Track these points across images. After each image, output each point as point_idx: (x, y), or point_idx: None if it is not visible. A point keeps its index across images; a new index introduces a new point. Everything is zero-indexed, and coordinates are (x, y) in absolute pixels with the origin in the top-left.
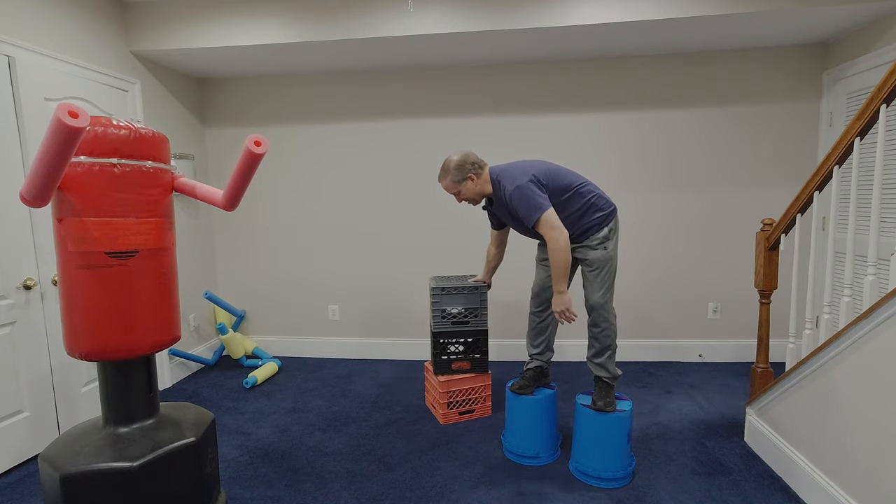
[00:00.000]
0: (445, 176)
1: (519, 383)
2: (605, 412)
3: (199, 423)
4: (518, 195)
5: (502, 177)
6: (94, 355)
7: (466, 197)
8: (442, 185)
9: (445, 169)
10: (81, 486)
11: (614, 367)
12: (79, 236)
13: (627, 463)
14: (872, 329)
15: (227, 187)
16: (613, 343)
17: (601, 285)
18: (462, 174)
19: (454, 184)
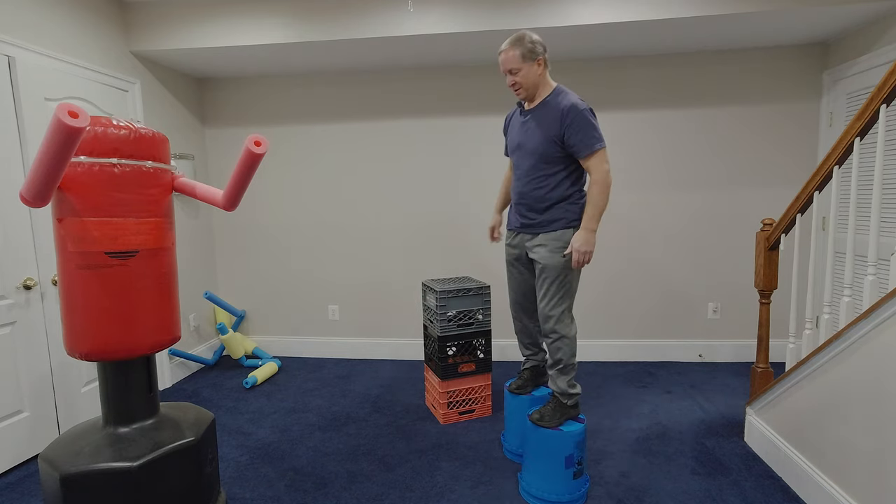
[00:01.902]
0: (517, 46)
1: (516, 383)
2: (538, 425)
3: (199, 423)
4: (586, 116)
5: (566, 91)
6: (94, 355)
7: (523, 82)
8: (504, 55)
9: (519, 39)
10: (81, 486)
11: (566, 384)
12: (79, 236)
13: (571, 489)
14: (872, 329)
15: (227, 187)
16: (567, 360)
17: (555, 295)
18: (535, 54)
19: (521, 59)
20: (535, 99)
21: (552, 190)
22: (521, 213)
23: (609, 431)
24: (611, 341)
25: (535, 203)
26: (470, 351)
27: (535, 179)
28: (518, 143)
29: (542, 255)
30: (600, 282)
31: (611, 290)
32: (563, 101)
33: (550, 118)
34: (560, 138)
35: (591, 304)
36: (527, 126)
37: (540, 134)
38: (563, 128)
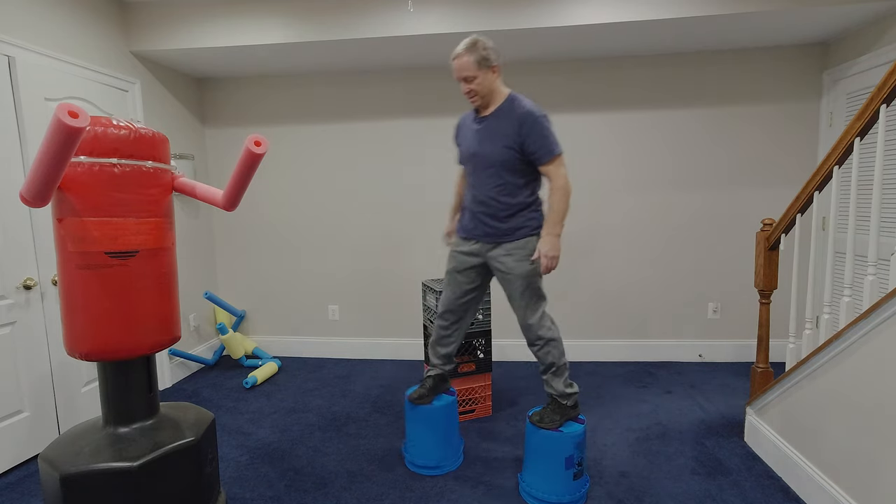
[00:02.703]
0: (471, 52)
1: (418, 392)
2: (538, 426)
3: (199, 423)
4: (543, 123)
5: (520, 98)
6: (94, 355)
7: (479, 90)
8: (458, 62)
9: (473, 45)
10: (81, 486)
11: (562, 384)
12: (79, 236)
13: (571, 490)
14: (872, 329)
15: (227, 187)
16: (559, 362)
17: (530, 303)
18: (489, 61)
19: (477, 66)
20: (489, 106)
21: (514, 198)
22: (483, 222)
23: (609, 431)
24: (611, 341)
25: (498, 212)
26: (470, 351)
27: (496, 188)
28: (474, 152)
29: (509, 266)
30: (600, 282)
31: (611, 290)
32: (519, 109)
33: (507, 125)
34: (519, 146)
35: (592, 304)
36: (482, 134)
37: (498, 142)
38: (522, 135)
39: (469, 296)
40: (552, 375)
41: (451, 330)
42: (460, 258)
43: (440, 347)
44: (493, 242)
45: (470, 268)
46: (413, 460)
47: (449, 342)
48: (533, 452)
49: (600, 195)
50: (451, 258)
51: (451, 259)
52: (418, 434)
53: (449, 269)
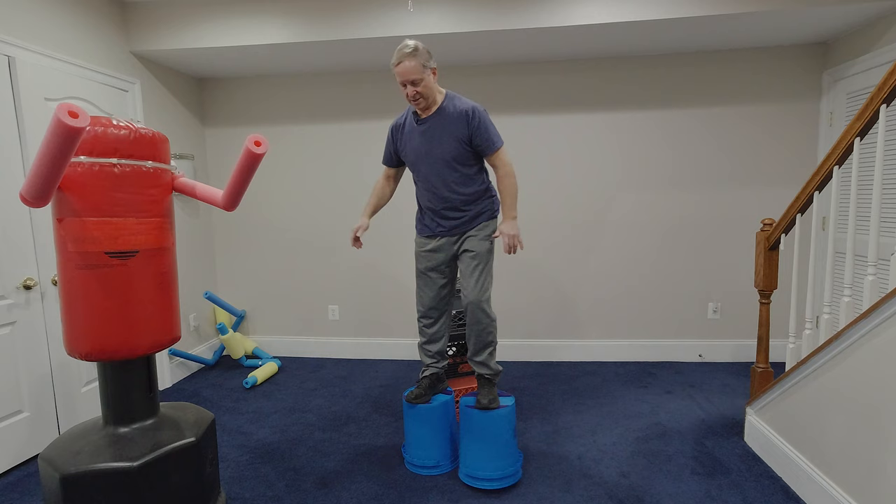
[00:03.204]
0: (416, 57)
1: (416, 392)
2: (489, 409)
3: (199, 423)
4: (486, 116)
5: (456, 95)
6: (94, 355)
7: (424, 92)
8: (404, 67)
9: (416, 49)
10: (81, 486)
11: (495, 363)
12: (79, 236)
13: (515, 459)
14: (872, 329)
15: (227, 187)
16: (495, 339)
17: (483, 280)
18: (430, 63)
19: (422, 69)
20: (431, 107)
21: (470, 187)
22: (445, 217)
23: (609, 431)
24: (611, 341)
25: (460, 204)
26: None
27: (453, 182)
28: (424, 152)
29: (473, 244)
30: (600, 282)
31: (611, 290)
32: (461, 105)
33: (453, 122)
34: (468, 139)
35: (592, 304)
36: (429, 134)
37: (447, 138)
38: (471, 129)
39: (445, 290)
40: (489, 356)
41: (436, 327)
42: (429, 256)
43: (430, 346)
44: (458, 233)
45: (440, 264)
46: (412, 460)
47: (437, 338)
48: (480, 434)
49: (600, 195)
50: (420, 258)
51: (420, 259)
52: (417, 434)
53: (421, 270)
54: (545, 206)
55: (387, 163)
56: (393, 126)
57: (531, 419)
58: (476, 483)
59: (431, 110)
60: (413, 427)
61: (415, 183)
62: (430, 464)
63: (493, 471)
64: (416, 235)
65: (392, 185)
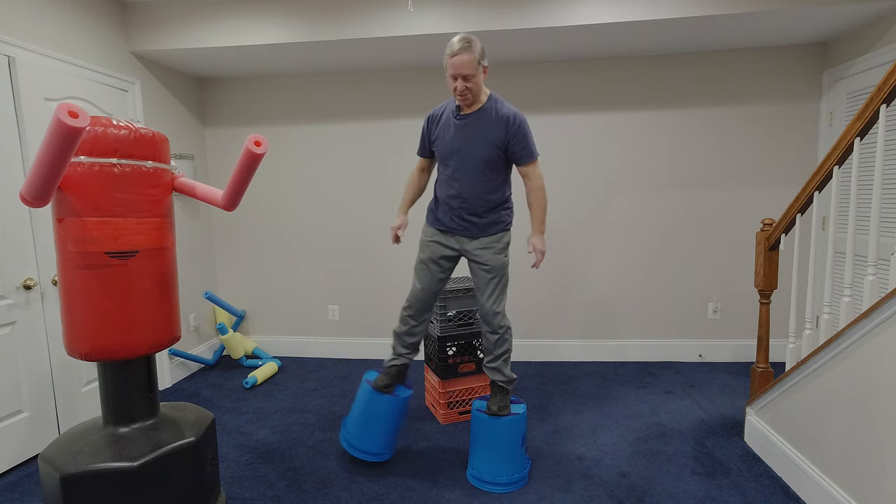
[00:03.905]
0: (471, 51)
1: (383, 381)
2: (499, 416)
3: (199, 423)
4: (527, 125)
5: (501, 99)
6: (94, 355)
7: (474, 89)
8: (460, 59)
9: (471, 44)
10: (81, 486)
11: (509, 370)
12: (79, 236)
13: (522, 466)
14: (872, 329)
15: (227, 187)
16: (510, 348)
17: (500, 293)
18: (483, 61)
19: (477, 65)
20: (473, 105)
21: (494, 194)
22: (462, 217)
23: (609, 431)
24: (611, 341)
25: (479, 207)
26: (470, 351)
27: (479, 184)
28: (457, 148)
29: (488, 258)
30: (600, 282)
31: (611, 290)
32: (504, 110)
33: (493, 125)
34: (504, 145)
35: (591, 304)
36: (466, 131)
37: (484, 140)
38: (509, 135)
39: (439, 285)
40: (503, 363)
41: (419, 320)
42: (436, 248)
43: (408, 337)
44: (471, 236)
45: (444, 257)
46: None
47: (417, 331)
48: (489, 440)
49: (600, 195)
50: (425, 247)
51: (424, 248)
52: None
53: (423, 259)
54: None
55: (422, 153)
56: (430, 116)
57: (531, 419)
58: (482, 486)
59: (474, 108)
60: (365, 412)
61: (440, 174)
62: (369, 450)
63: (499, 476)
64: (425, 224)
65: (426, 177)
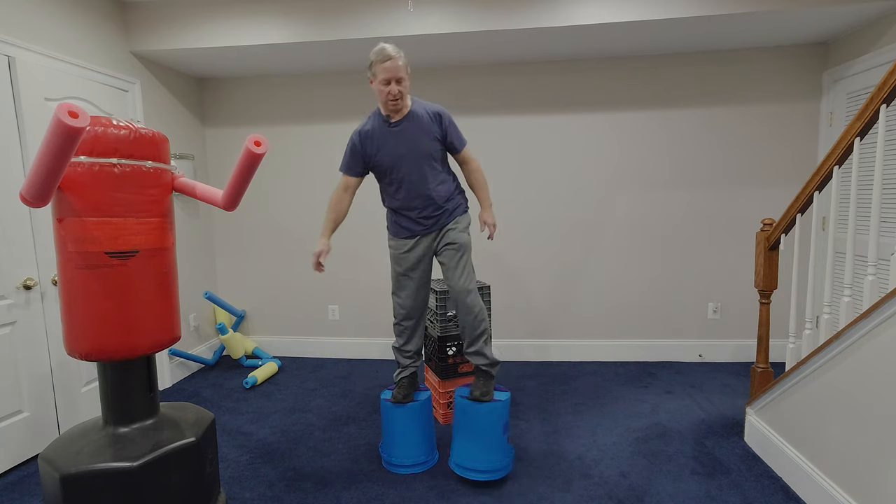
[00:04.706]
0: (401, 57)
1: (401, 392)
2: (481, 402)
3: (199, 423)
4: (452, 118)
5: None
6: (94, 355)
7: (404, 92)
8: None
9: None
10: (81, 486)
11: (492, 352)
12: (79, 236)
13: (505, 453)
14: (872, 329)
15: (227, 187)
16: (488, 327)
17: (470, 270)
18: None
19: (406, 68)
20: (402, 110)
21: (447, 185)
22: (427, 216)
23: (609, 431)
24: (611, 341)
25: (440, 200)
26: None
27: (431, 179)
28: (401, 154)
29: (454, 237)
30: (601, 282)
31: (611, 291)
32: (430, 107)
33: (425, 123)
34: (442, 138)
35: (592, 304)
36: (405, 135)
37: (423, 138)
38: (443, 128)
39: (424, 290)
40: (484, 344)
41: (416, 328)
42: (408, 257)
43: (408, 346)
44: (438, 228)
45: (419, 261)
46: (395, 460)
47: (416, 339)
48: (470, 426)
49: (600, 195)
50: (400, 261)
51: (399, 262)
52: (401, 433)
53: (402, 272)
54: (546, 205)
55: (351, 172)
56: (360, 133)
57: (531, 419)
58: (464, 473)
59: (403, 113)
60: (397, 427)
61: (387, 187)
62: (418, 461)
63: (481, 462)
64: (390, 238)
65: (350, 198)
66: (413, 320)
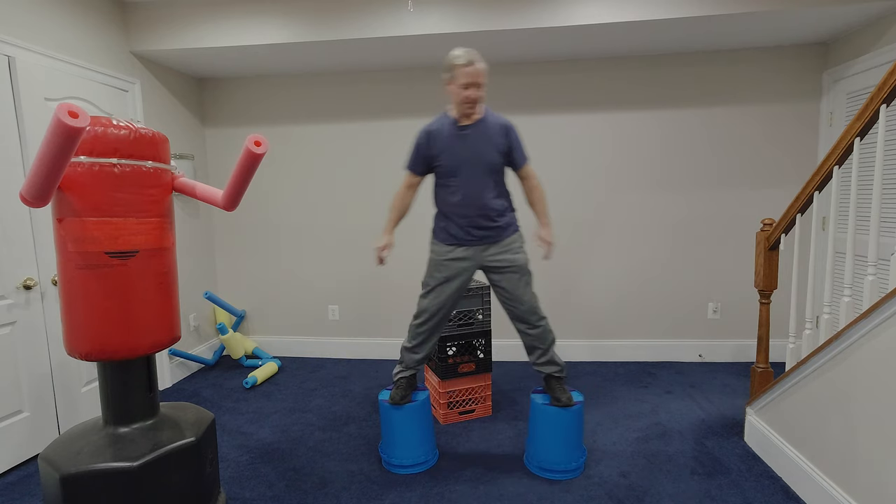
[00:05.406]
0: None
1: (400, 393)
2: (567, 407)
3: (199, 423)
4: (518, 134)
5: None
6: (94, 355)
7: (482, 98)
8: (479, 68)
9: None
10: (81, 486)
11: (559, 357)
12: (79, 236)
13: (583, 451)
14: (872, 329)
15: (227, 187)
16: (553, 335)
17: (531, 288)
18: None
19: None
20: (473, 115)
21: (503, 199)
22: (479, 226)
23: (609, 431)
24: (611, 341)
25: (493, 213)
26: (470, 351)
27: (489, 191)
28: (465, 158)
29: (513, 259)
30: (600, 282)
31: (611, 290)
32: (499, 119)
33: (494, 133)
34: (507, 151)
35: (592, 303)
36: (472, 141)
37: (491, 147)
38: (509, 142)
39: (453, 301)
40: (554, 352)
41: (433, 335)
42: (454, 266)
43: (419, 350)
44: (489, 243)
45: (462, 272)
46: (395, 461)
47: (429, 347)
48: (556, 429)
49: (600, 195)
50: (442, 267)
51: (440, 268)
52: (402, 433)
53: (441, 279)
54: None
55: (415, 170)
56: (426, 132)
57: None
58: (553, 475)
59: (474, 118)
60: (398, 427)
61: (443, 190)
62: (418, 461)
63: (568, 462)
64: (434, 243)
65: (413, 195)
66: (433, 325)
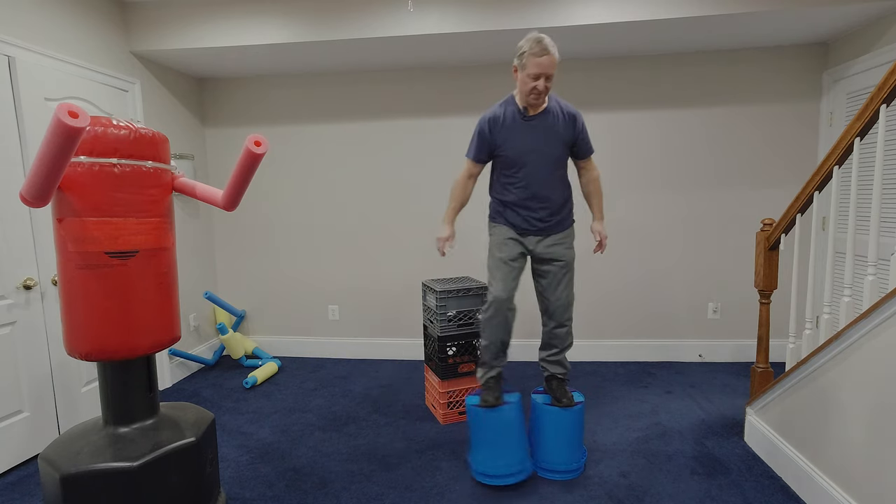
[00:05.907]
0: (555, 53)
1: (494, 395)
2: (569, 407)
3: (199, 423)
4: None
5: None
6: (94, 355)
7: (549, 89)
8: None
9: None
10: (81, 486)
11: (568, 361)
12: (79, 236)
13: (583, 452)
14: (872, 329)
15: (227, 187)
16: (573, 340)
17: (571, 286)
18: None
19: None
20: (541, 105)
21: (565, 190)
22: (540, 218)
23: (609, 431)
24: (611, 341)
25: (555, 205)
26: (470, 351)
27: (553, 181)
28: (532, 147)
29: (562, 253)
30: (601, 282)
31: (611, 290)
32: (566, 108)
33: (562, 123)
34: (572, 142)
35: (592, 303)
36: (537, 131)
37: (558, 138)
38: (577, 132)
39: (518, 283)
40: (565, 354)
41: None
42: (514, 246)
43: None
44: (544, 234)
45: (521, 254)
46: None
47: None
48: (559, 431)
49: None
50: (504, 247)
51: (502, 248)
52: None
53: (503, 258)
54: None
55: (478, 158)
56: (489, 119)
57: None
58: (554, 476)
59: (540, 108)
60: (492, 435)
61: (504, 179)
62: (514, 470)
63: (569, 463)
64: (493, 225)
65: (473, 184)
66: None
